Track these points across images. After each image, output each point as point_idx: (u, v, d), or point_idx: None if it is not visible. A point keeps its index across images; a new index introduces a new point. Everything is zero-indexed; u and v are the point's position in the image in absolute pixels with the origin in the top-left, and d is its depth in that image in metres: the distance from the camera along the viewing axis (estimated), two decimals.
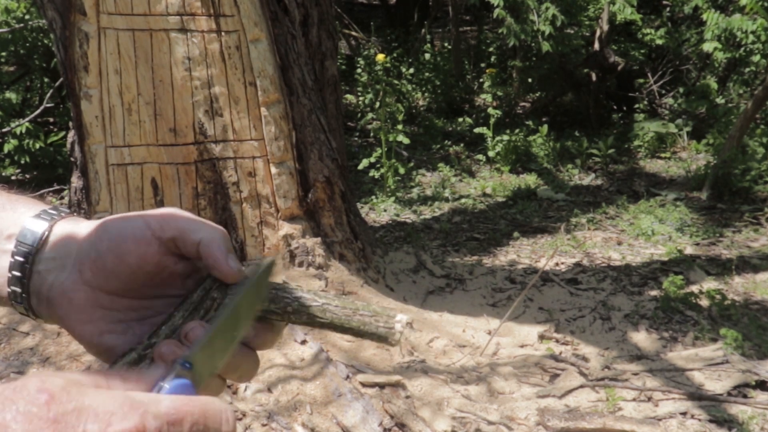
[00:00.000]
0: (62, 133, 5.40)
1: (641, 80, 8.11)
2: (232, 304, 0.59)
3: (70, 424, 0.41)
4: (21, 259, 0.62)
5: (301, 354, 2.48)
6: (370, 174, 5.78)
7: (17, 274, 0.63)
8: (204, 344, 0.55)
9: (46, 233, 0.63)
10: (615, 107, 8.01)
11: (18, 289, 0.63)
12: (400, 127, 5.74)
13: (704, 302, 3.38)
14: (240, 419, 2.20)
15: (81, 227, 0.64)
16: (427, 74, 8.09)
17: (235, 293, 0.62)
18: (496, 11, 6.20)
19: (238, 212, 2.96)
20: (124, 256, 0.60)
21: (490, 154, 6.33)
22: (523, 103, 8.35)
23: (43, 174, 5.45)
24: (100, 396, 0.44)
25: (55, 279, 0.62)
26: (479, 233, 4.73)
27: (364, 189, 5.69)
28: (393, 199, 5.36)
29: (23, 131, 5.16)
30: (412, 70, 8.02)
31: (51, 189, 5.18)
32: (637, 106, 7.80)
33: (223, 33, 2.85)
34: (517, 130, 6.72)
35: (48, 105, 5.38)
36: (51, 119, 6.25)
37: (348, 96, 7.71)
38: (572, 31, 6.94)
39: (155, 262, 0.61)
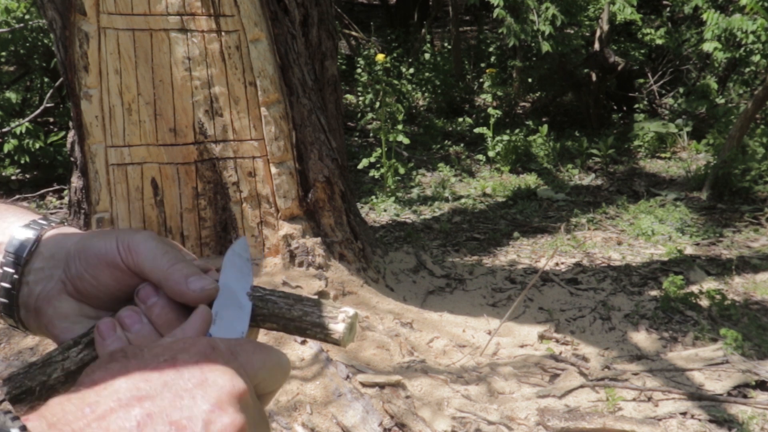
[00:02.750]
0: (62, 133, 5.40)
1: (641, 80, 8.11)
2: (221, 281, 0.61)
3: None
4: (10, 270, 0.62)
5: (301, 354, 2.48)
6: (370, 174, 5.78)
7: (6, 285, 0.63)
8: (208, 320, 0.59)
9: (35, 244, 0.63)
10: (615, 107, 8.01)
11: (6, 301, 0.63)
12: (400, 127, 5.74)
13: (704, 302, 3.38)
14: None
15: (68, 239, 0.64)
16: (427, 74, 8.09)
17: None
18: (496, 11, 6.20)
19: (238, 212, 2.96)
20: (99, 277, 0.61)
21: (490, 154, 6.33)
22: (523, 103, 8.35)
23: (43, 174, 5.45)
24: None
25: (42, 289, 0.63)
26: (479, 233, 4.73)
27: (364, 189, 5.69)
28: (393, 199, 5.36)
29: (23, 131, 5.16)
30: (412, 70, 8.02)
31: (51, 189, 5.18)
32: (637, 106, 7.80)
33: (223, 33, 2.85)
34: (517, 130, 6.72)
35: (48, 105, 5.38)
36: (51, 119, 6.25)
37: (348, 96, 7.71)
38: (572, 31, 6.94)
39: (131, 284, 0.62)
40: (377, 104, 5.96)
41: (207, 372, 0.47)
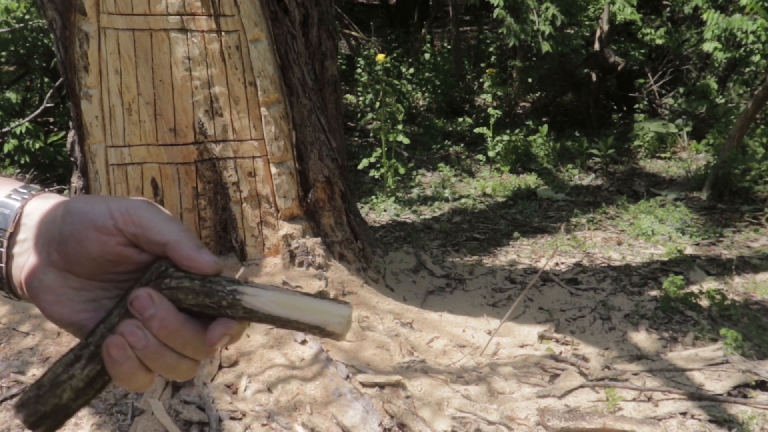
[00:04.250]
0: (62, 133, 5.40)
1: (641, 80, 8.11)
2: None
3: None
4: None
5: (301, 354, 2.48)
6: (370, 174, 5.78)
7: None
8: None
9: (18, 214, 0.62)
10: (615, 107, 8.01)
11: None
12: (400, 127, 5.74)
13: (704, 302, 3.38)
14: (240, 419, 2.20)
15: (51, 207, 0.62)
16: (427, 74, 8.09)
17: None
18: (496, 11, 6.20)
19: (238, 212, 2.96)
20: (84, 242, 0.59)
21: (490, 154, 6.33)
22: (523, 103, 8.35)
23: (43, 174, 5.45)
24: None
25: (27, 261, 0.61)
26: (479, 233, 4.73)
27: (364, 189, 5.69)
28: (393, 199, 5.36)
29: (23, 131, 5.16)
30: (412, 70, 8.02)
31: (51, 189, 5.18)
32: (637, 106, 7.80)
33: (223, 33, 2.85)
34: (517, 130, 6.72)
35: (48, 105, 5.38)
36: (51, 119, 6.25)
37: (348, 96, 7.71)
38: (572, 31, 6.94)
39: (116, 252, 0.59)
40: (377, 104, 5.96)
41: None
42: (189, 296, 0.60)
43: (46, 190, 0.67)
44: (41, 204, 0.63)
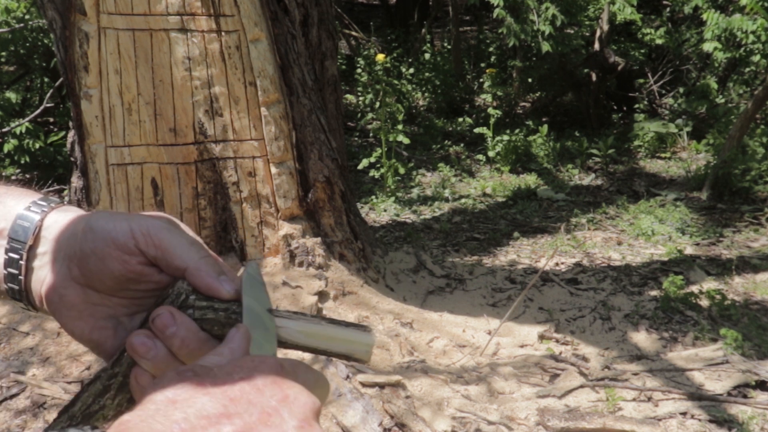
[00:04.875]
0: (62, 133, 5.40)
1: (641, 80, 8.11)
2: (244, 304, 0.60)
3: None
4: (15, 256, 0.61)
5: (301, 354, 2.47)
6: (370, 174, 5.78)
7: (13, 271, 0.62)
8: (249, 339, 0.58)
9: (38, 227, 0.62)
10: (615, 107, 8.01)
11: (15, 286, 0.62)
12: (400, 127, 5.74)
13: (704, 302, 3.38)
14: None
15: (72, 221, 0.62)
16: (427, 74, 8.09)
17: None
18: (496, 11, 6.20)
19: (238, 212, 2.96)
20: (106, 260, 0.59)
21: (490, 154, 6.33)
22: (523, 103, 8.35)
23: (43, 174, 5.45)
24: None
25: (46, 274, 0.61)
26: (479, 233, 4.73)
27: (364, 189, 5.69)
28: (393, 199, 5.36)
29: (23, 131, 5.16)
30: (412, 70, 8.02)
31: (51, 189, 5.18)
32: (637, 106, 7.80)
33: (223, 33, 2.85)
34: (517, 130, 6.72)
35: (48, 105, 5.38)
36: (51, 119, 6.25)
37: (348, 96, 7.71)
38: (572, 31, 6.94)
39: (137, 271, 0.60)
40: (377, 104, 5.96)
41: (286, 389, 0.48)
42: (214, 327, 0.60)
43: (65, 202, 0.67)
44: (61, 217, 0.63)
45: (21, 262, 0.62)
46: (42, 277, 0.61)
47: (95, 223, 0.60)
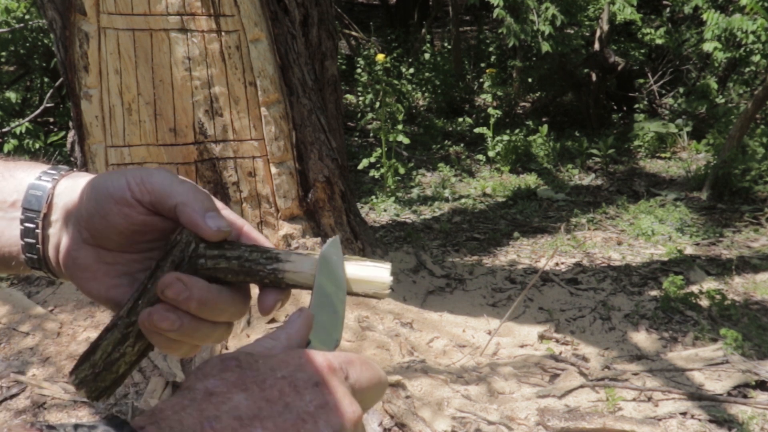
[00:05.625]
0: (62, 133, 5.40)
1: (641, 80, 8.11)
2: (315, 284, 0.60)
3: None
4: (31, 225, 0.63)
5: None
6: (370, 174, 5.78)
7: (31, 241, 0.63)
8: (311, 325, 0.58)
9: (50, 195, 0.63)
10: (615, 107, 8.01)
11: (34, 256, 0.64)
12: (400, 127, 5.74)
13: (704, 302, 3.38)
14: None
15: (79, 185, 0.63)
16: (427, 74, 8.10)
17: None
18: (496, 11, 6.20)
19: (238, 212, 2.96)
20: (108, 217, 0.59)
21: (490, 154, 6.33)
22: (523, 103, 8.35)
23: None
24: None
25: (60, 240, 0.62)
26: (479, 233, 4.73)
27: (364, 189, 5.69)
28: (393, 199, 5.36)
29: (23, 131, 5.16)
30: (412, 70, 8.02)
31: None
32: (637, 106, 7.80)
33: (223, 33, 2.85)
34: (517, 130, 6.72)
35: (48, 105, 5.38)
36: (51, 119, 6.25)
37: (348, 96, 7.71)
38: (572, 31, 6.94)
39: (140, 222, 0.60)
40: (377, 104, 5.96)
41: (327, 395, 0.48)
42: (228, 275, 0.60)
43: (74, 169, 0.67)
44: (71, 183, 0.64)
45: (37, 231, 0.63)
46: (56, 243, 0.63)
47: (95, 182, 0.61)
